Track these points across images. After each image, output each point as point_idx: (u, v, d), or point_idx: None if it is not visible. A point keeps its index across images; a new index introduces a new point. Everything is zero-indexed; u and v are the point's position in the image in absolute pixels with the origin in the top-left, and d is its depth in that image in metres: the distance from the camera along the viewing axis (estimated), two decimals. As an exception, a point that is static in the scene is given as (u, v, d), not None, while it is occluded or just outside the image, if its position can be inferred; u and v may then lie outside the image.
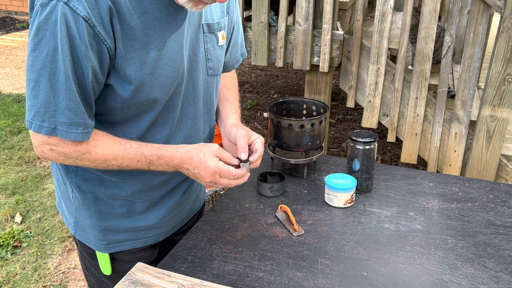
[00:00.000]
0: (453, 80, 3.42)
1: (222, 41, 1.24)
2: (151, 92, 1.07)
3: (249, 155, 1.18)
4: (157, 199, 1.26)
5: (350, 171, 1.48)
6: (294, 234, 1.28)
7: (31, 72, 0.97)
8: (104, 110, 1.09)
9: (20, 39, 6.68)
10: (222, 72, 1.39)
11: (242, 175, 1.14)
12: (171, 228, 1.35)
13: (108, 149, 1.07)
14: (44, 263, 2.63)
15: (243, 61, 3.30)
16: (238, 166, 1.16)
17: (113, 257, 1.29)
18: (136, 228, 1.27)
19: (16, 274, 2.55)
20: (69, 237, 2.84)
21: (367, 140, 1.42)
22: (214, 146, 1.14)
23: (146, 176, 1.20)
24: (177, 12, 1.06)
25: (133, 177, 1.19)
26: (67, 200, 1.26)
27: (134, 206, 1.24)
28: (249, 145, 1.21)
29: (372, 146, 1.43)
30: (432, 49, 2.71)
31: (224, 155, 1.14)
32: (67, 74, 0.96)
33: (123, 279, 1.09)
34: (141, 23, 1.01)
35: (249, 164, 1.18)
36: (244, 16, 3.17)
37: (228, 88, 1.40)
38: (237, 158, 1.17)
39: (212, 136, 1.34)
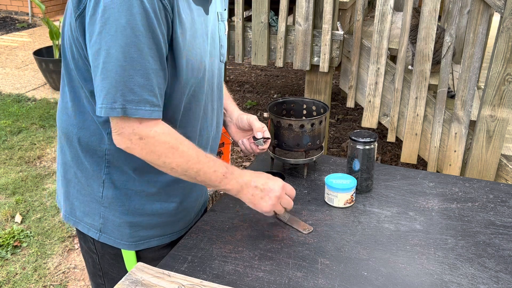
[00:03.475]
0: (453, 80, 3.42)
1: (226, 31, 1.31)
2: (192, 70, 1.10)
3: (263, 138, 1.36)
4: (188, 191, 1.29)
5: (350, 171, 1.48)
6: (305, 232, 1.28)
7: (96, 55, 0.95)
8: None
9: (20, 39, 6.68)
10: None
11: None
12: (190, 221, 1.36)
13: (192, 150, 1.08)
14: (44, 263, 2.63)
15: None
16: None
17: (138, 256, 1.29)
18: (166, 222, 1.27)
19: (16, 274, 2.55)
20: (69, 237, 2.84)
21: (367, 140, 1.42)
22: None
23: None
24: None
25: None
26: (92, 203, 1.22)
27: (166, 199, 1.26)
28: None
29: (372, 146, 1.43)
30: (432, 49, 2.71)
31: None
32: (140, 50, 0.95)
33: (123, 279, 1.09)
34: (185, 2, 1.05)
35: (264, 143, 1.36)
36: (244, 16, 3.17)
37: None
38: (253, 137, 1.37)
39: (222, 122, 1.38)
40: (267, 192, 1.17)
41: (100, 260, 1.32)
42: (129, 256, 1.27)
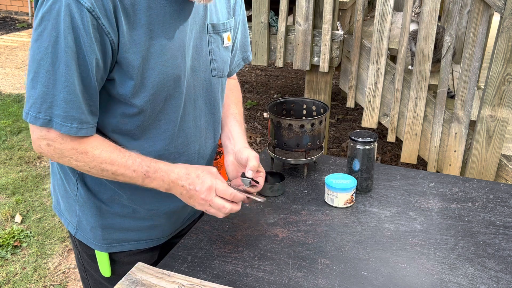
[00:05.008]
0: (453, 80, 3.42)
1: (227, 42, 1.24)
2: (152, 88, 1.07)
3: (252, 179, 1.20)
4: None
5: (350, 171, 1.48)
6: (260, 200, 1.20)
7: (31, 63, 0.97)
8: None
9: (20, 39, 6.68)
10: None
11: (239, 199, 1.13)
12: (172, 230, 1.34)
13: (106, 152, 1.06)
14: (44, 263, 2.63)
15: (243, 66, 3.29)
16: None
17: (113, 259, 1.28)
18: (140, 227, 1.26)
19: (16, 274, 2.55)
20: (69, 237, 2.84)
21: (367, 140, 1.42)
22: (213, 168, 1.14)
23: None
24: (181, 9, 1.07)
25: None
26: (70, 199, 1.24)
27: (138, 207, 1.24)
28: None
29: (372, 146, 1.43)
30: (432, 49, 2.71)
31: (220, 177, 1.13)
32: (68, 66, 0.95)
33: (123, 279, 1.09)
34: (146, 18, 1.01)
35: (251, 185, 1.18)
36: (244, 16, 3.17)
37: (234, 104, 1.40)
38: (242, 173, 1.19)
39: (217, 140, 1.34)
40: (193, 193, 1.10)
41: (81, 256, 1.33)
42: (102, 257, 1.27)
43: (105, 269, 1.28)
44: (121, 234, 1.26)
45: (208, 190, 1.10)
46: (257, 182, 1.21)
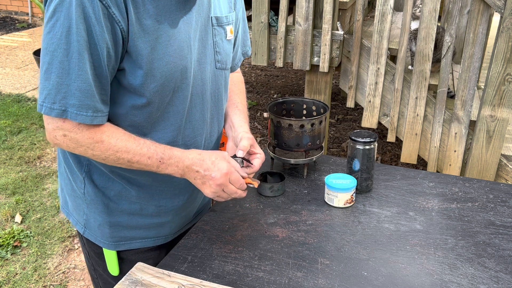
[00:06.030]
0: (453, 80, 3.42)
1: (230, 35, 1.26)
2: (160, 79, 1.08)
3: (244, 159, 1.22)
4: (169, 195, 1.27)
5: (350, 171, 1.48)
6: (254, 185, 1.23)
7: (45, 55, 0.98)
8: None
9: (20, 39, 6.68)
10: None
11: (244, 187, 1.17)
12: (179, 228, 1.35)
13: (121, 141, 1.07)
14: (44, 263, 2.63)
15: (243, 60, 3.30)
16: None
17: (121, 257, 1.29)
18: (148, 224, 1.27)
19: (16, 274, 2.55)
20: (69, 237, 2.84)
21: (367, 140, 1.42)
22: (224, 152, 1.17)
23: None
24: (186, 0, 1.09)
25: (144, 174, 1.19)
26: (77, 198, 1.25)
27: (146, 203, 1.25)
28: (249, 154, 1.26)
29: (372, 146, 1.43)
30: (432, 49, 2.71)
31: (232, 163, 1.16)
32: (81, 55, 0.97)
33: (123, 279, 1.09)
34: (153, 8, 1.03)
35: (243, 165, 1.21)
36: (244, 16, 3.17)
37: (237, 94, 1.42)
38: (233, 154, 1.22)
39: (220, 132, 1.35)
40: (208, 179, 1.13)
41: (89, 255, 1.34)
42: (110, 255, 1.27)
43: (113, 267, 1.28)
44: (129, 232, 1.26)
45: (224, 176, 1.13)
46: (250, 163, 1.23)
